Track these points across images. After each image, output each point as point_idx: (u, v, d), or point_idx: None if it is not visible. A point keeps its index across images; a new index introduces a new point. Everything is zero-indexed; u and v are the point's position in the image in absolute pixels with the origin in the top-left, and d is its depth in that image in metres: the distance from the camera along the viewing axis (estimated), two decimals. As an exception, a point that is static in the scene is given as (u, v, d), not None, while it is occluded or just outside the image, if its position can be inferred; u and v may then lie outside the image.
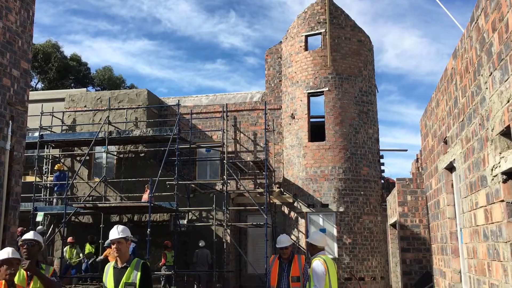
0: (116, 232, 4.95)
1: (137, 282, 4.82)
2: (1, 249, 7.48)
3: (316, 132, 16.85)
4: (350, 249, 15.47)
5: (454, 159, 4.91)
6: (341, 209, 15.70)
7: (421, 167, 11.64)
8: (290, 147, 16.99)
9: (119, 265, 4.91)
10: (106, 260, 12.97)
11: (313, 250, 6.25)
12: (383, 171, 18.07)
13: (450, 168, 5.46)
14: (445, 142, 5.35)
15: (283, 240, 6.64)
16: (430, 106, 6.27)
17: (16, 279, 4.63)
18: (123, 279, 4.80)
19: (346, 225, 15.65)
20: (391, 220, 13.87)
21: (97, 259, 15.46)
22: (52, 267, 5.01)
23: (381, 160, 17.64)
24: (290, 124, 17.12)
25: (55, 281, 4.66)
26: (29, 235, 4.88)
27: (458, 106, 4.58)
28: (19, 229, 13.87)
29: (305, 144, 16.41)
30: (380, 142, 17.39)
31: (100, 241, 15.92)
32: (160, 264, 15.56)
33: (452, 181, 5.54)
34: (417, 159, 12.52)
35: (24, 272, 4.67)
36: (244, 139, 18.42)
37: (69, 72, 36.52)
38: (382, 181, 17.61)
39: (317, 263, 5.92)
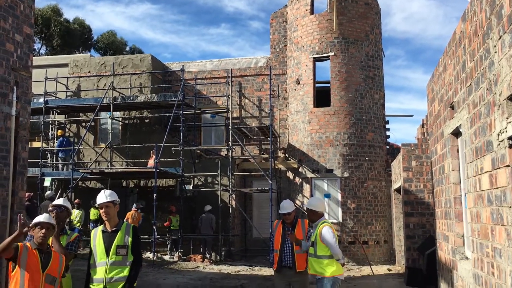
0: (103, 196, 5.00)
1: (129, 244, 4.92)
2: (11, 213, 7.61)
3: (322, 97, 16.74)
4: (354, 214, 15.64)
5: (461, 124, 4.88)
6: (346, 175, 15.77)
7: (426, 133, 11.60)
8: (295, 113, 16.94)
9: (109, 229, 4.98)
10: None
11: (313, 216, 6.32)
12: (388, 136, 18.04)
13: (456, 133, 5.43)
14: (452, 107, 5.31)
15: (286, 206, 6.62)
16: (437, 70, 6.19)
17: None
18: (115, 242, 4.88)
19: (351, 190, 15.76)
20: (395, 185, 13.94)
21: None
22: (76, 233, 5.12)
23: (387, 126, 17.58)
24: (295, 89, 17.01)
25: (67, 252, 4.76)
26: (59, 201, 5.00)
27: (466, 71, 4.52)
28: (27, 194, 14.08)
29: (310, 109, 16.34)
30: (385, 108, 17.30)
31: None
32: (165, 224, 15.90)
33: (457, 147, 5.52)
34: (423, 124, 12.46)
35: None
36: (249, 104, 18.36)
37: (72, 37, 36.16)
38: (387, 146, 17.60)
39: (327, 229, 6.03)
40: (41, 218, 4.49)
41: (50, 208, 4.99)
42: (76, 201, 16.22)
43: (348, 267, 14.23)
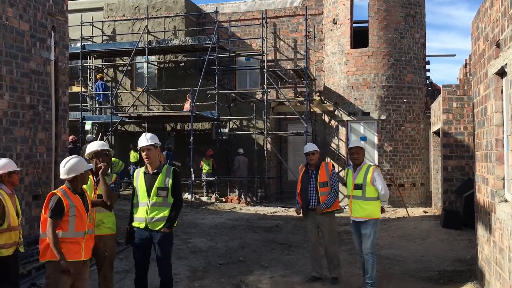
0: (145, 140, 5.11)
1: (169, 186, 5.06)
2: (55, 155, 7.92)
3: (359, 38, 16.18)
4: (390, 157, 15.50)
5: (506, 64, 4.66)
6: (383, 117, 15.51)
7: (469, 73, 11.16)
8: (331, 54, 16.53)
9: (150, 171, 5.12)
10: None
11: (362, 157, 6.30)
12: (428, 77, 17.46)
13: (501, 73, 5.19)
14: (498, 46, 5.05)
15: (309, 146, 6.66)
16: (483, 6, 5.84)
17: (85, 186, 4.98)
18: (156, 184, 5.04)
19: (388, 133, 15.54)
20: (434, 128, 13.65)
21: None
22: (115, 175, 5.33)
23: (427, 67, 16.99)
24: (331, 30, 16.50)
25: (113, 192, 4.96)
26: (100, 145, 5.15)
27: (516, 5, 4.24)
28: (71, 137, 14.59)
29: (347, 50, 15.89)
30: (426, 48, 16.63)
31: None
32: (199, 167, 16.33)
33: (502, 87, 5.29)
34: (466, 64, 11.98)
35: (92, 178, 4.99)
36: (284, 46, 18.02)
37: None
38: (428, 88, 17.09)
39: (378, 172, 6.24)
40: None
41: (99, 151, 5.12)
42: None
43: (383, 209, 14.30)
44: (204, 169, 16.23)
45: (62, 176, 4.45)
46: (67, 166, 4.43)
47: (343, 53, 15.97)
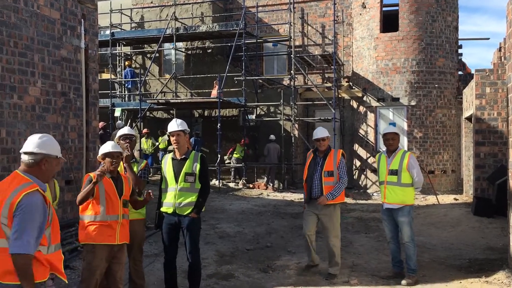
0: (175, 125, 5.15)
1: (197, 172, 5.10)
2: (86, 141, 8.09)
3: (389, 22, 15.83)
4: (420, 143, 15.23)
5: (544, 46, 4.48)
6: (413, 103, 15.21)
7: (503, 57, 10.80)
8: (360, 39, 16.25)
9: (178, 157, 5.16)
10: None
11: (396, 143, 6.15)
12: (461, 62, 17.00)
13: (539, 56, 5.00)
14: (535, 27, 4.85)
15: (319, 132, 6.24)
16: (521, -14, 5.61)
17: None
18: (184, 170, 5.08)
19: (418, 119, 15.24)
20: (466, 114, 13.31)
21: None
22: (145, 161, 5.40)
23: (459, 51, 16.52)
24: (360, 14, 16.20)
25: (140, 179, 5.03)
26: (127, 130, 5.23)
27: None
28: (100, 123, 14.87)
29: (377, 35, 15.59)
30: (459, 31, 16.15)
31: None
32: (227, 155, 16.38)
33: (539, 71, 5.11)
34: (500, 48, 11.57)
35: (122, 164, 5.08)
36: (311, 32, 17.81)
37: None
38: (460, 72, 16.64)
39: (414, 158, 6.11)
40: (109, 148, 4.53)
41: (122, 137, 5.20)
42: (144, 130, 16.95)
43: (413, 196, 14.12)
44: (236, 154, 16.32)
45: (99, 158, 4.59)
46: (101, 151, 4.56)
47: (372, 37, 15.68)
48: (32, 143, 3.10)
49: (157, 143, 16.91)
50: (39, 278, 2.97)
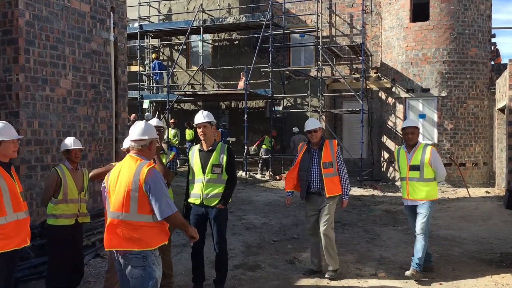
0: (201, 117, 5.17)
1: (224, 164, 5.11)
2: (115, 133, 8.23)
3: (419, 11, 15.48)
4: (451, 135, 14.90)
5: None
6: (444, 94, 14.88)
7: (540, 46, 10.43)
8: (389, 29, 15.96)
9: (205, 148, 5.19)
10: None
11: (417, 137, 5.93)
12: (493, 51, 16.51)
13: None
14: None
15: (311, 123, 5.93)
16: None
17: None
18: (211, 161, 5.11)
19: (448, 110, 14.91)
20: (499, 105, 12.95)
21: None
22: (173, 152, 5.47)
23: (493, 40, 16.05)
24: (390, 3, 15.89)
25: (169, 170, 5.09)
26: (155, 122, 5.30)
27: None
28: (132, 115, 15.11)
29: (406, 25, 15.28)
30: (492, 19, 15.67)
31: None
32: (254, 146, 16.39)
33: None
34: (536, 37, 11.20)
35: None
36: (339, 22, 17.58)
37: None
38: (492, 62, 16.18)
39: (436, 152, 5.88)
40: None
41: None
42: (172, 121, 17.12)
43: (443, 189, 13.86)
44: (265, 145, 16.34)
45: (124, 146, 4.69)
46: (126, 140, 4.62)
47: (402, 27, 15.38)
48: (139, 132, 3.71)
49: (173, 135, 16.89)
50: (161, 242, 3.60)
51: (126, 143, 4.57)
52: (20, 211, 3.97)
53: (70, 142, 5.23)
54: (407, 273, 5.74)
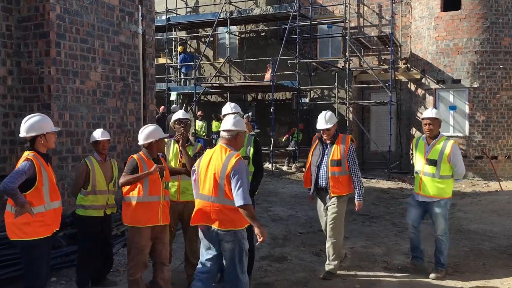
0: (229, 108, 5.18)
1: (250, 156, 5.11)
2: (143, 125, 8.32)
3: (450, 0, 15.11)
4: (483, 127, 14.52)
5: None
6: (475, 85, 14.50)
7: None
8: (419, 19, 15.62)
9: None
10: None
11: (437, 129, 5.54)
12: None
13: None
14: None
15: (322, 122, 5.53)
16: None
17: (170, 154, 5.21)
18: None
19: (480, 102, 14.53)
20: (534, 96, 12.55)
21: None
22: (200, 144, 5.50)
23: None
24: (420, -8, 15.54)
25: (195, 162, 5.12)
26: (182, 114, 5.34)
27: None
28: (161, 107, 15.28)
29: (437, 14, 14.91)
30: (528, 8, 15.14)
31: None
32: (283, 138, 16.35)
33: None
34: None
35: (177, 147, 5.20)
36: (368, 12, 17.30)
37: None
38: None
39: (457, 147, 5.50)
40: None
41: (177, 121, 5.28)
42: (199, 113, 17.23)
43: (474, 182, 13.57)
44: (295, 137, 16.29)
45: (140, 142, 4.70)
46: (144, 132, 4.65)
47: (433, 16, 15.02)
48: (229, 123, 4.14)
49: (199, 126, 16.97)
50: (247, 224, 4.08)
51: (141, 139, 4.65)
52: (57, 200, 4.19)
53: (98, 134, 5.31)
54: (432, 276, 5.54)
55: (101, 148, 5.30)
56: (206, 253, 4.16)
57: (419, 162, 5.62)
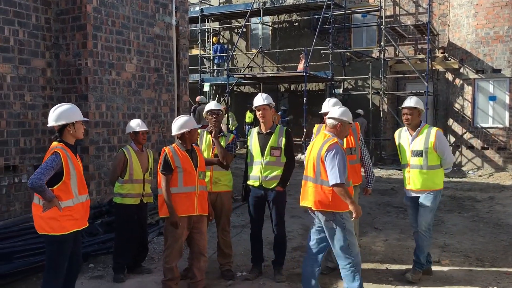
0: (261, 99, 5.17)
1: (282, 146, 5.10)
2: (178, 115, 8.42)
3: (491, -14, 14.57)
4: (524, 119, 14.03)
5: None
6: (517, 75, 13.99)
7: None
8: (458, 6, 15.14)
9: (264, 131, 5.19)
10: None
11: (418, 118, 5.18)
12: None
13: None
14: None
15: (331, 106, 5.21)
16: None
17: (203, 145, 5.28)
18: (269, 143, 5.11)
19: (521, 92, 14.02)
20: None
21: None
22: (232, 135, 5.53)
23: None
24: (459, -21, 15.05)
25: (228, 153, 5.15)
26: (214, 105, 5.38)
27: None
28: (198, 97, 15.41)
29: (477, 1, 14.41)
30: None
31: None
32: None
33: None
34: None
35: (210, 138, 5.25)
36: (404, 0, 16.89)
37: None
38: None
39: (442, 134, 5.16)
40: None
41: (210, 112, 5.31)
42: (223, 107, 17.24)
43: (513, 175, 13.14)
44: None
45: (173, 132, 4.75)
46: (177, 123, 4.70)
47: (472, 4, 14.53)
48: (335, 112, 4.43)
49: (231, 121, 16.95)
50: (347, 208, 4.29)
51: (174, 130, 4.69)
52: (84, 194, 4.10)
53: (137, 124, 5.40)
54: (407, 275, 5.22)
55: (141, 139, 5.40)
56: (311, 233, 4.52)
57: (404, 155, 5.29)
